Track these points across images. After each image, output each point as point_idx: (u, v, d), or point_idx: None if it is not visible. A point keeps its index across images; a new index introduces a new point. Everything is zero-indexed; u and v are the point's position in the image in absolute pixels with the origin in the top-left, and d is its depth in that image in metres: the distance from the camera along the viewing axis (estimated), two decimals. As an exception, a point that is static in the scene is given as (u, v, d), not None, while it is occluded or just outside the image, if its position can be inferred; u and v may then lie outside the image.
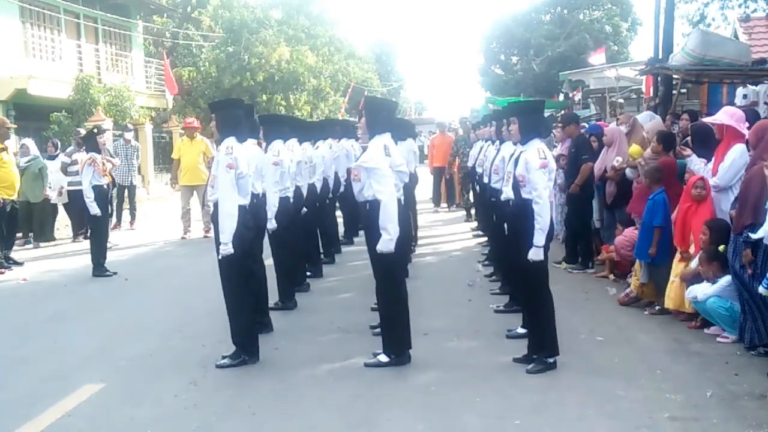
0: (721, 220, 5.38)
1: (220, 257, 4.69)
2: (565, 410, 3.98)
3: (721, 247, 5.12)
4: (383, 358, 4.72)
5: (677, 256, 5.78)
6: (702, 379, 4.42)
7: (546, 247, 4.54)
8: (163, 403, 4.19)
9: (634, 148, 6.92)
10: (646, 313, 5.98)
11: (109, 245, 9.85)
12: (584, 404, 4.04)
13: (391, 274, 4.72)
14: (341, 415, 3.98)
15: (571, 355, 4.87)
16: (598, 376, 4.50)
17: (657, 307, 5.97)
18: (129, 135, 12.53)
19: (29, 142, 10.67)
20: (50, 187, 10.52)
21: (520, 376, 4.50)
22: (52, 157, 11.14)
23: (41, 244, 10.51)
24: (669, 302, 5.75)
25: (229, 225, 4.63)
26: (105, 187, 8.20)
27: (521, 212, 4.60)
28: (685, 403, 4.04)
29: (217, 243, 4.69)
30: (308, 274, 7.33)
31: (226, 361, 4.78)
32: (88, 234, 9.06)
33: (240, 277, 4.87)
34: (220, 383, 4.49)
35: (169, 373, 4.71)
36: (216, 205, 4.72)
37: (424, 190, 13.90)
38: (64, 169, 10.69)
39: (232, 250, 4.64)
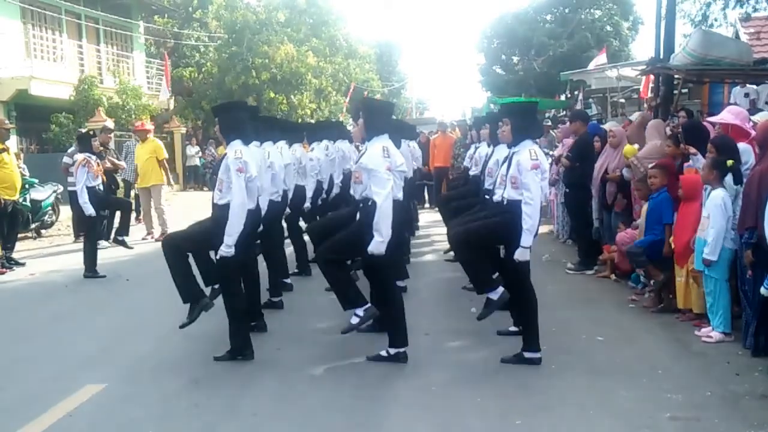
0: (725, 137, 5.34)
1: (218, 257, 4.70)
2: (566, 410, 3.98)
3: (729, 162, 4.99)
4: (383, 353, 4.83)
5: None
6: (703, 378, 4.42)
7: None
8: (165, 404, 4.19)
9: (628, 148, 6.91)
10: (652, 311, 5.99)
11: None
12: (585, 404, 4.04)
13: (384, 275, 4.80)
14: (342, 416, 3.98)
15: (572, 355, 4.88)
16: (599, 376, 4.50)
17: (660, 306, 5.99)
18: None
19: None
20: None
21: (521, 376, 4.50)
22: None
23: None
24: (678, 302, 5.75)
25: (237, 228, 4.64)
26: (98, 188, 8.15)
27: (511, 212, 4.58)
28: (687, 402, 4.03)
29: (219, 243, 4.68)
30: (296, 271, 7.58)
31: (225, 354, 4.89)
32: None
33: (239, 278, 4.92)
34: (221, 383, 4.49)
35: (171, 373, 4.72)
36: (224, 207, 4.69)
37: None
38: (66, 170, 10.70)
39: (233, 252, 4.66)
